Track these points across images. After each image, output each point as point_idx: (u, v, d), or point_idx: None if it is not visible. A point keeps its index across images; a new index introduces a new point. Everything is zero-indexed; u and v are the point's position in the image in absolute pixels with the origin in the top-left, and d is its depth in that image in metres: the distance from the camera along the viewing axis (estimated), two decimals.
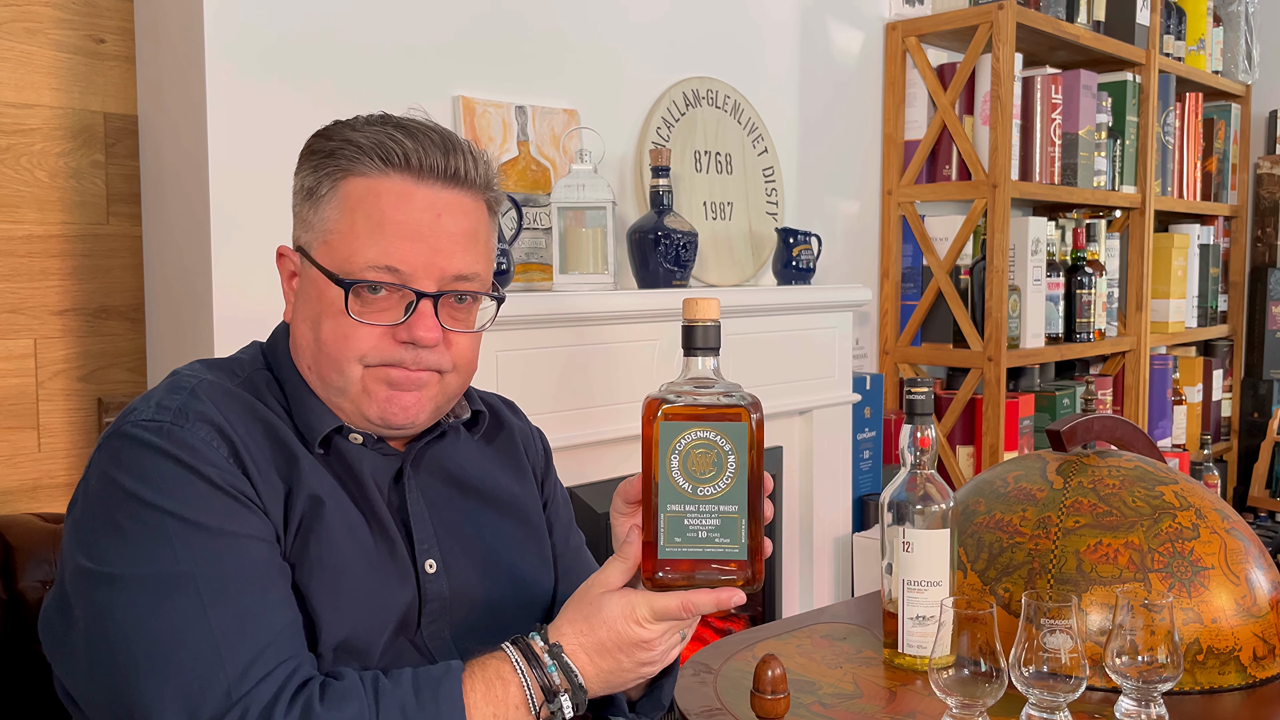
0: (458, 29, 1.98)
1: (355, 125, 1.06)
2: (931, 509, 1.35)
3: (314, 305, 1.04)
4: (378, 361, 1.03)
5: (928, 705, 1.28)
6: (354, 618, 0.99)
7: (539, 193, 2.09)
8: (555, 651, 0.96)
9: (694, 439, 0.94)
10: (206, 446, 0.95)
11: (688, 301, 0.97)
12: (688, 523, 0.94)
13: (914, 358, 2.93)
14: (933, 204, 2.99)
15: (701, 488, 0.93)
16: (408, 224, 1.03)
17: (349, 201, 1.03)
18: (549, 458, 1.30)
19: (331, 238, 1.04)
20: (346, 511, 1.02)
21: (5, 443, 1.70)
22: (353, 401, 1.04)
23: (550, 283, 2.07)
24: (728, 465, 0.93)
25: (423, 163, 1.04)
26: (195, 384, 1.01)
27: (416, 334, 1.03)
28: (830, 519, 2.60)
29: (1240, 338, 4.03)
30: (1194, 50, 3.69)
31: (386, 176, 1.03)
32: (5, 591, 1.16)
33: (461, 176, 1.06)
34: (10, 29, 1.68)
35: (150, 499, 0.93)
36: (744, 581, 0.94)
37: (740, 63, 2.51)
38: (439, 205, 1.04)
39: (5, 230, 1.69)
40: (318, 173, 1.05)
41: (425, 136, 1.04)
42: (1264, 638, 1.34)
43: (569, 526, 1.27)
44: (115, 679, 0.91)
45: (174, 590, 0.90)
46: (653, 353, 2.11)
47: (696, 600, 0.94)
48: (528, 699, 0.94)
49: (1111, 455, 1.50)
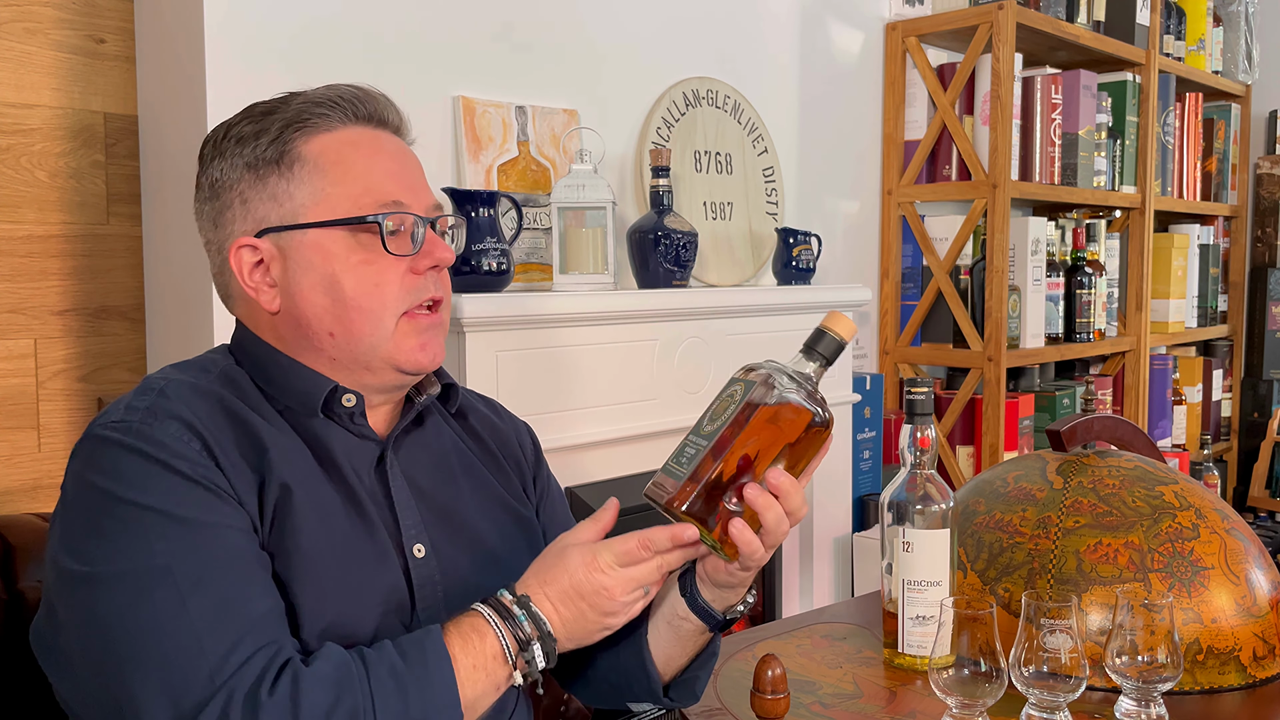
0: (458, 29, 1.98)
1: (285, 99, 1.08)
2: (931, 509, 1.35)
3: (323, 269, 1.04)
4: (410, 304, 1.06)
5: (928, 705, 1.28)
6: (336, 602, 0.99)
7: (539, 193, 2.09)
8: (524, 602, 0.99)
9: (730, 389, 1.04)
10: (177, 441, 0.95)
11: (833, 313, 1.07)
12: (686, 449, 1.02)
13: (914, 358, 2.93)
14: (933, 204, 2.99)
15: (708, 425, 1.02)
16: (392, 163, 1.08)
17: (329, 155, 1.05)
18: (539, 452, 1.29)
19: (327, 193, 1.04)
20: (320, 496, 1.02)
21: (5, 443, 1.70)
22: (385, 355, 1.06)
23: (550, 283, 2.07)
24: (727, 413, 1.01)
25: (377, 113, 1.10)
26: (164, 384, 1.01)
27: (440, 255, 1.08)
28: (830, 519, 2.60)
29: (1240, 338, 4.03)
30: (1194, 50, 3.70)
31: (353, 128, 1.08)
32: (5, 591, 1.16)
33: (398, 127, 1.13)
34: (10, 29, 1.68)
35: (124, 495, 0.93)
36: (669, 499, 0.99)
37: (740, 63, 2.51)
38: (399, 147, 1.11)
39: (5, 230, 1.69)
40: (278, 142, 1.05)
41: (369, 91, 1.11)
42: (1264, 638, 1.34)
43: (566, 518, 1.28)
44: (103, 678, 0.91)
45: (153, 584, 0.91)
46: (652, 353, 2.11)
47: (653, 537, 1.00)
48: (504, 649, 0.97)
49: (1111, 455, 1.50)
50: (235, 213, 1.06)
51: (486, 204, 1.83)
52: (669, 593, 1.14)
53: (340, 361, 1.06)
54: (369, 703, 0.90)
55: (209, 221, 1.09)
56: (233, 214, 1.06)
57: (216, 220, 1.08)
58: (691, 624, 1.12)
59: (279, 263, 1.06)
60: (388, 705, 0.90)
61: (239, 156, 1.06)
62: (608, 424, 2.03)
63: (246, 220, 1.06)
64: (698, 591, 1.11)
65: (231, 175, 1.06)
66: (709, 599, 1.11)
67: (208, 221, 1.09)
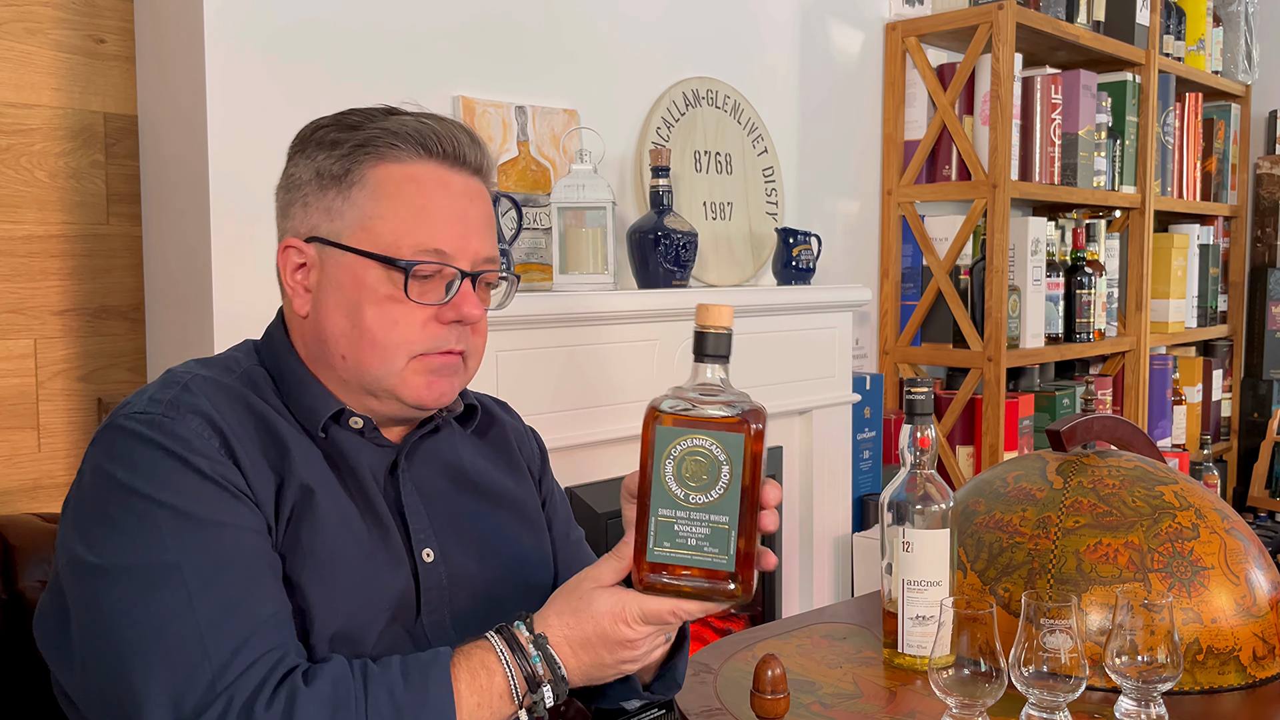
0: (458, 29, 1.98)
1: (374, 115, 1.08)
2: (931, 509, 1.35)
3: (350, 293, 1.04)
4: (425, 349, 1.05)
5: (928, 705, 1.28)
6: (347, 607, 1.00)
7: (539, 193, 2.09)
8: (540, 642, 0.97)
9: (689, 446, 0.93)
10: (197, 438, 0.96)
11: (701, 307, 0.96)
12: (678, 529, 0.93)
13: (914, 358, 2.93)
14: (933, 204, 2.99)
15: (694, 495, 0.92)
16: (448, 209, 1.06)
17: (387, 187, 1.05)
18: (544, 456, 1.30)
19: (373, 223, 1.04)
20: (339, 501, 1.03)
21: (5, 443, 1.70)
22: (389, 389, 1.05)
23: (550, 283, 2.07)
24: (721, 475, 0.92)
25: (455, 151, 1.08)
26: (188, 379, 1.02)
27: (465, 311, 1.06)
28: (830, 519, 2.60)
29: (1240, 338, 4.03)
30: (1194, 50, 3.70)
31: (423, 163, 1.06)
32: (5, 591, 1.16)
33: (479, 166, 1.10)
34: (10, 29, 1.68)
35: (141, 489, 0.93)
36: (727, 595, 0.93)
37: (740, 63, 2.51)
38: (469, 192, 1.09)
39: (5, 230, 1.69)
40: (347, 159, 1.05)
41: (452, 127, 1.08)
42: (1264, 638, 1.34)
43: (568, 522, 1.28)
44: (106, 671, 0.91)
45: (162, 580, 0.91)
46: (653, 353, 2.11)
47: (686, 608, 0.95)
48: (511, 688, 0.95)
49: (1111, 455, 1.50)
50: (297, 211, 1.08)
51: None
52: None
53: (350, 384, 1.07)
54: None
55: (280, 210, 1.11)
56: (295, 211, 1.08)
57: (284, 211, 1.10)
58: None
59: (317, 271, 1.07)
60: None
61: (313, 160, 1.07)
62: (608, 424, 2.03)
63: (304, 222, 1.07)
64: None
65: (304, 176, 1.07)
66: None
67: (279, 210, 1.11)
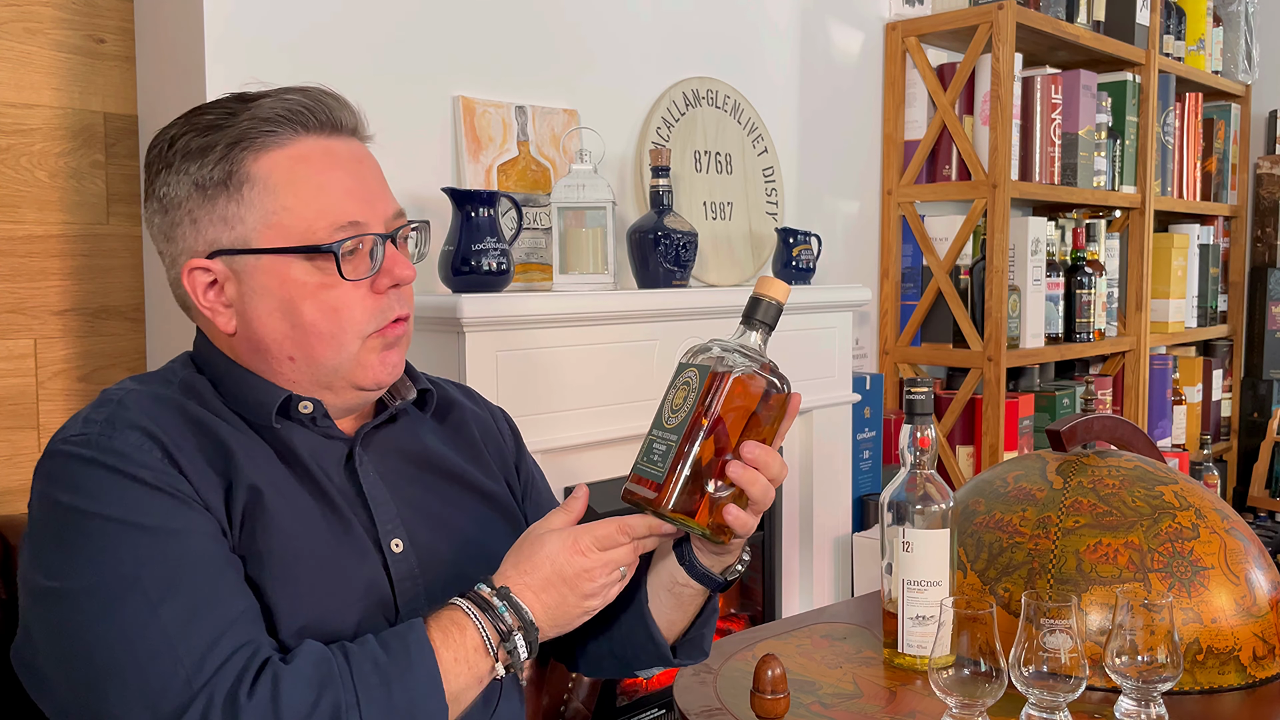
0: (458, 29, 1.99)
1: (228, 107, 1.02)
2: (931, 509, 1.35)
3: (279, 294, 1.01)
4: (375, 325, 1.03)
5: (928, 705, 1.28)
6: (313, 601, 0.99)
7: (539, 193, 2.09)
8: (504, 593, 0.99)
9: (683, 377, 1.04)
10: (137, 450, 0.94)
11: (763, 278, 1.07)
12: (653, 445, 1.03)
13: (914, 358, 2.93)
14: (933, 204, 2.99)
15: (670, 418, 1.03)
16: (346, 178, 1.03)
17: (278, 176, 1.01)
18: (518, 438, 1.28)
19: (278, 217, 1.00)
20: (293, 498, 1.01)
21: (5, 443, 1.70)
22: (346, 376, 1.04)
23: (550, 283, 2.07)
24: (688, 401, 1.02)
25: (330, 118, 1.04)
26: (122, 395, 1.00)
27: (399, 273, 1.04)
28: (830, 519, 2.60)
29: (1240, 338, 4.04)
30: (1194, 50, 3.70)
31: (303, 140, 1.02)
32: (5, 591, 1.16)
33: (354, 126, 1.07)
34: (10, 29, 1.68)
35: (89, 509, 0.92)
36: (650, 504, 1.01)
37: (740, 63, 2.51)
38: (356, 155, 1.06)
39: (5, 230, 1.69)
40: (226, 161, 1.00)
41: (317, 95, 1.04)
42: (1264, 638, 1.34)
43: (552, 502, 1.27)
44: (81, 693, 0.90)
45: (123, 594, 0.90)
46: (653, 353, 2.11)
47: (632, 524, 1.01)
48: (485, 641, 0.97)
49: (1111, 455, 1.50)
50: (185, 231, 1.02)
51: (486, 204, 1.83)
52: (665, 561, 1.14)
53: (300, 383, 1.05)
54: (353, 696, 0.90)
55: (161, 234, 1.05)
56: (183, 231, 1.02)
57: (169, 235, 1.04)
58: (692, 589, 1.13)
59: (233, 284, 1.02)
60: (372, 698, 0.90)
61: (185, 174, 1.01)
62: (608, 424, 2.03)
63: (199, 239, 1.02)
64: (695, 558, 1.12)
65: (179, 192, 1.01)
66: (707, 564, 1.12)
67: (159, 234, 1.05)
